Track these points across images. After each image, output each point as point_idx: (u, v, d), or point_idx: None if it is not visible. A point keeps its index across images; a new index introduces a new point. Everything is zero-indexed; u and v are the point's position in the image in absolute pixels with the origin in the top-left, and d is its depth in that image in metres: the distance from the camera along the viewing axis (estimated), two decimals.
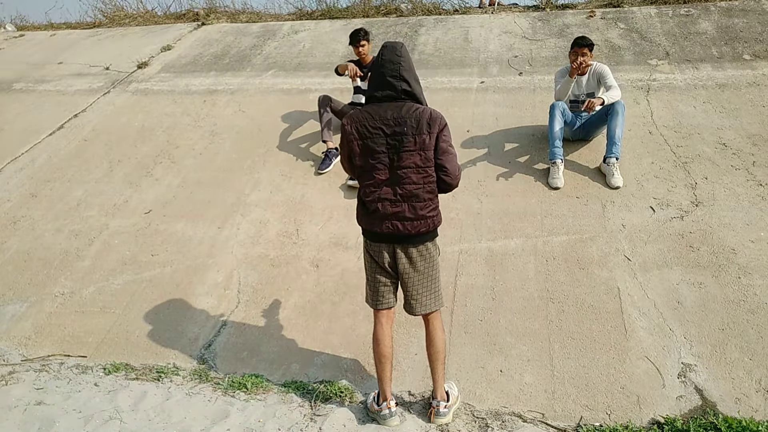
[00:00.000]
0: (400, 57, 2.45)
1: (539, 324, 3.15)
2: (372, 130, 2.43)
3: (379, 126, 2.42)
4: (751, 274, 3.26)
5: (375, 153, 2.43)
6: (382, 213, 2.46)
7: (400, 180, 2.43)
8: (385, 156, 2.43)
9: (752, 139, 4.31)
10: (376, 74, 2.48)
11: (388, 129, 2.41)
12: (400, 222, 2.45)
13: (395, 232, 2.46)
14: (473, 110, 5.13)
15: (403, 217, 2.45)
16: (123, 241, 4.17)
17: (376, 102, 2.47)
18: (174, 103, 5.93)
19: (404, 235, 2.48)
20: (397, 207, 2.45)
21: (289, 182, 4.58)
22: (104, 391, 2.97)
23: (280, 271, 3.77)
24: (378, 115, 2.43)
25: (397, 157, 2.42)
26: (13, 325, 3.57)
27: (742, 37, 5.59)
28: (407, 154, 2.41)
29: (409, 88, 2.45)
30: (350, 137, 2.46)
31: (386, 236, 2.49)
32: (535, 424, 2.64)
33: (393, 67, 2.43)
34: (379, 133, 2.42)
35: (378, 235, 2.51)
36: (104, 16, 9.22)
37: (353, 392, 2.89)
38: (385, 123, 2.42)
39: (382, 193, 2.45)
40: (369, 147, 2.44)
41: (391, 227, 2.46)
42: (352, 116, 2.48)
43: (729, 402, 2.64)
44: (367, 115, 2.45)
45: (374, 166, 2.44)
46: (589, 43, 4.20)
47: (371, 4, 7.83)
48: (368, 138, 2.43)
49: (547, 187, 4.11)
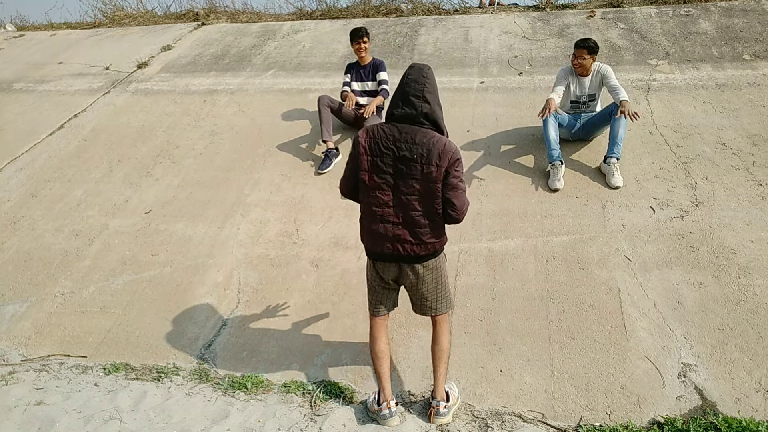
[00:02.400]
0: (425, 78, 2.40)
1: (539, 324, 3.15)
2: (384, 150, 2.39)
3: (390, 147, 2.38)
4: (751, 274, 3.26)
5: (382, 173, 2.41)
6: (382, 234, 2.45)
7: (402, 204, 2.41)
8: (391, 178, 2.40)
9: (752, 139, 4.31)
10: (399, 92, 2.43)
11: (398, 152, 2.37)
12: (401, 245, 2.45)
13: (395, 254, 2.47)
14: (473, 110, 5.13)
15: (404, 240, 2.44)
16: (123, 241, 4.17)
17: (394, 121, 2.42)
18: (174, 103, 5.93)
19: (402, 257, 2.48)
20: (398, 230, 2.43)
21: (289, 182, 4.58)
22: (104, 391, 2.97)
23: (280, 271, 3.77)
24: (392, 136, 2.39)
25: (402, 182, 2.39)
26: (13, 325, 3.57)
27: (742, 37, 5.59)
28: (412, 182, 2.38)
29: (430, 111, 2.39)
30: (361, 150, 2.42)
31: (390, 256, 2.49)
32: (535, 424, 2.64)
33: (417, 87, 2.38)
34: (389, 154, 2.39)
35: (382, 255, 2.50)
36: (104, 16, 9.22)
37: (353, 392, 2.89)
38: (397, 145, 2.37)
39: (385, 214, 2.43)
40: (377, 165, 2.40)
41: (392, 248, 2.46)
42: (368, 131, 2.45)
43: (729, 402, 2.64)
44: (382, 133, 2.41)
45: (379, 186, 2.42)
46: (587, 45, 4.14)
47: (371, 4, 7.84)
48: (378, 156, 2.40)
49: (547, 187, 4.11)
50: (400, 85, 2.44)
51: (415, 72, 2.42)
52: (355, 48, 4.83)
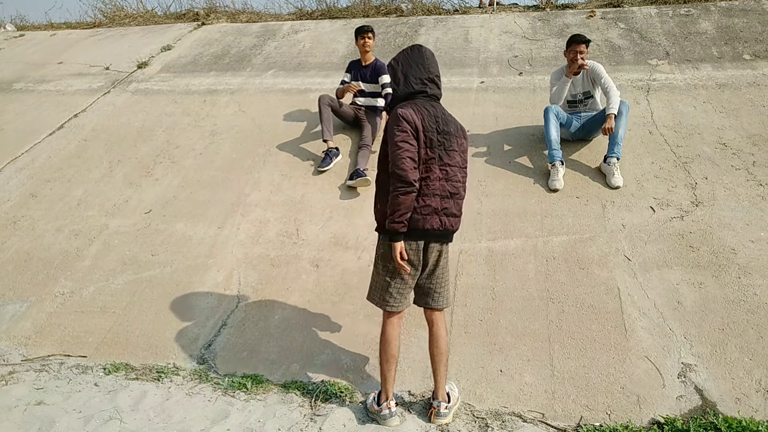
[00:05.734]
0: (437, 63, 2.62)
1: (539, 324, 3.15)
2: (431, 125, 2.47)
3: (434, 122, 2.48)
4: (751, 274, 3.26)
5: (434, 146, 2.47)
6: (434, 207, 2.47)
7: (449, 176, 2.50)
8: (437, 151, 2.48)
9: (752, 139, 4.30)
10: (423, 71, 2.54)
11: (439, 127, 2.49)
12: (447, 218, 2.52)
13: (440, 228, 2.50)
14: (473, 110, 5.12)
15: (450, 213, 2.53)
16: (123, 241, 4.17)
17: (425, 97, 2.53)
18: (174, 103, 5.93)
19: (444, 232, 2.53)
20: (446, 202, 2.50)
21: (289, 182, 4.58)
22: (104, 391, 2.97)
23: (280, 271, 3.77)
24: (431, 111, 2.50)
25: (446, 154, 2.49)
26: (13, 325, 3.57)
27: (742, 37, 5.59)
28: (453, 153, 2.52)
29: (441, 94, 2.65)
30: (417, 125, 2.43)
31: (426, 233, 2.49)
32: (535, 424, 2.64)
33: (436, 70, 2.58)
34: (434, 129, 2.48)
35: (419, 232, 2.48)
36: (104, 16, 9.23)
37: (353, 392, 2.89)
38: (437, 121, 2.49)
39: (436, 188, 2.48)
40: (430, 139, 2.47)
41: (440, 222, 2.49)
42: (412, 107, 2.47)
43: (729, 402, 2.64)
44: (425, 110, 2.49)
45: (433, 159, 2.47)
46: (587, 40, 4.19)
47: (371, 4, 7.84)
48: (429, 131, 2.47)
49: (547, 187, 4.11)
50: (421, 65, 2.54)
51: (429, 54, 2.60)
52: (360, 43, 4.82)
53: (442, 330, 2.66)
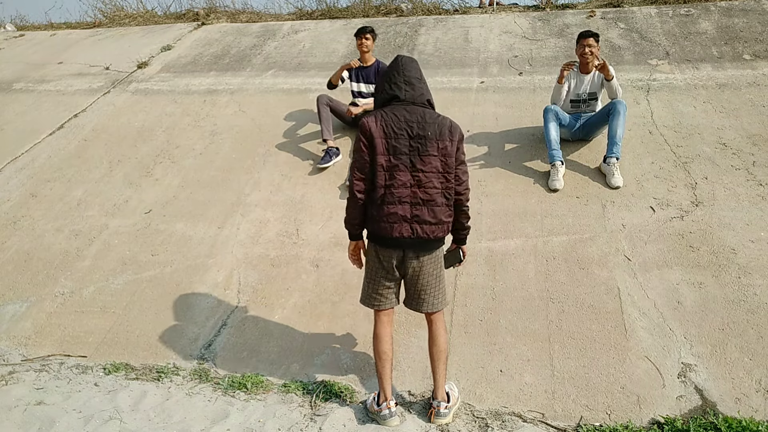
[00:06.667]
0: (417, 65, 2.60)
1: (539, 324, 3.15)
2: (397, 131, 2.45)
3: (404, 128, 2.45)
4: (751, 274, 3.26)
5: (399, 154, 2.45)
6: (401, 215, 2.45)
7: (421, 183, 2.46)
8: (407, 158, 2.45)
9: (752, 139, 4.30)
10: (398, 76, 2.54)
11: (412, 131, 2.45)
12: (420, 225, 2.46)
13: (412, 236, 2.46)
14: (473, 110, 5.13)
15: (423, 221, 2.46)
16: (123, 241, 4.17)
17: (399, 102, 2.51)
18: (174, 103, 5.93)
19: (420, 241, 2.49)
20: (417, 210, 2.46)
21: (289, 182, 4.58)
22: (104, 391, 2.97)
23: (280, 271, 3.77)
24: (403, 117, 2.47)
25: (420, 160, 2.45)
26: (13, 325, 3.57)
27: (742, 37, 5.59)
28: (430, 158, 2.46)
29: (428, 93, 2.58)
30: (374, 134, 2.44)
31: (398, 241, 2.49)
32: (535, 424, 2.64)
33: (414, 72, 2.56)
34: (404, 135, 2.45)
35: (392, 240, 2.49)
36: (104, 16, 9.23)
37: (353, 392, 2.89)
38: (410, 125, 2.46)
39: (404, 195, 2.45)
40: (393, 146, 2.45)
41: (410, 231, 2.46)
42: (375, 117, 2.49)
43: (729, 402, 2.64)
44: (392, 116, 2.47)
45: (397, 167, 2.45)
46: (594, 33, 4.18)
47: (371, 4, 7.84)
48: (393, 138, 2.44)
49: (547, 187, 4.11)
50: (395, 71, 2.55)
51: (406, 59, 2.60)
52: (357, 44, 4.84)
53: (441, 329, 2.66)
